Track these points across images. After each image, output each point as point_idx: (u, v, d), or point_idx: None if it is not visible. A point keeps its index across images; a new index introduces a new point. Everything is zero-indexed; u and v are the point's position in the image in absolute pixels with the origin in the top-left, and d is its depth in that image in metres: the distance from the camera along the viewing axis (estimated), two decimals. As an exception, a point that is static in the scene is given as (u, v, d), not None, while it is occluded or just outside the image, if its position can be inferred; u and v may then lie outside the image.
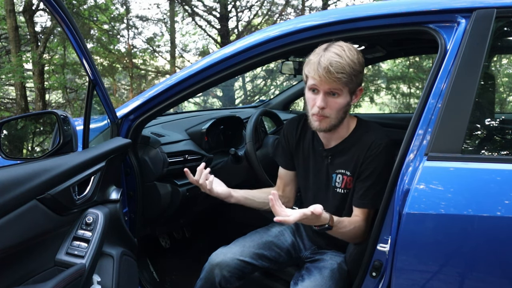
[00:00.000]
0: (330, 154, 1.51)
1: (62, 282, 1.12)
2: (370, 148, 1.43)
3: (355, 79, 1.35)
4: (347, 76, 1.32)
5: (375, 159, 1.42)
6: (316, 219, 1.26)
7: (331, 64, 1.31)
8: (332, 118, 1.39)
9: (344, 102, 1.38)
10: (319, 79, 1.33)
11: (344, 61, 1.32)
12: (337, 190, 1.51)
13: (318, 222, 1.29)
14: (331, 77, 1.31)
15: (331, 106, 1.37)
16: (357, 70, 1.34)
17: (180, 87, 1.59)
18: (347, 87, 1.36)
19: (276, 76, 9.15)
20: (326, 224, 1.30)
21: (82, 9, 8.17)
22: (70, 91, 8.82)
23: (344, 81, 1.33)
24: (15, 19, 7.41)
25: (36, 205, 1.09)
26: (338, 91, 1.35)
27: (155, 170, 1.83)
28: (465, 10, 1.26)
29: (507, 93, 6.91)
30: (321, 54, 1.34)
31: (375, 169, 1.41)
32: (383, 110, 8.84)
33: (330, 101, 1.37)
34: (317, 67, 1.32)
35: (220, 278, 1.51)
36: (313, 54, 1.38)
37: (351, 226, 1.39)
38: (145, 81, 9.86)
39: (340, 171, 1.49)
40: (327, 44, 1.37)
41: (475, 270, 1.12)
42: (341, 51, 1.33)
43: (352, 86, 1.37)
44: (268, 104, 3.20)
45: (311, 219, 1.26)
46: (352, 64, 1.33)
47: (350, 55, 1.33)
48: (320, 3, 9.50)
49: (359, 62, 1.35)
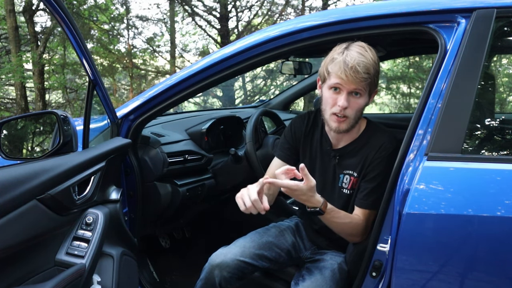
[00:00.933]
0: (338, 154, 1.51)
1: (62, 282, 1.12)
2: (379, 150, 1.43)
3: (376, 80, 1.38)
4: (371, 77, 1.35)
5: (383, 161, 1.42)
6: (308, 195, 1.28)
7: (359, 64, 1.32)
8: (351, 118, 1.40)
9: (364, 103, 1.39)
10: (345, 79, 1.33)
11: (369, 61, 1.33)
12: (344, 190, 1.51)
13: (310, 201, 1.30)
14: (358, 77, 1.32)
15: (352, 106, 1.38)
16: (378, 71, 1.38)
17: (180, 87, 1.59)
18: (368, 88, 1.37)
19: (276, 76, 9.16)
20: (318, 207, 1.32)
21: (82, 9, 8.17)
22: (70, 91, 8.83)
23: (368, 81, 1.35)
24: (15, 19, 7.42)
25: (36, 205, 1.09)
26: (361, 92, 1.36)
27: (155, 170, 1.83)
28: (465, 10, 1.26)
29: (507, 93, 6.91)
30: (345, 53, 1.34)
31: (382, 172, 1.41)
32: (383, 110, 8.85)
33: (352, 101, 1.37)
34: (344, 66, 1.33)
35: (220, 279, 1.51)
36: (335, 53, 1.37)
37: (346, 220, 1.40)
38: (145, 81, 9.87)
39: (348, 172, 1.49)
40: (348, 43, 1.37)
41: (475, 270, 1.12)
42: (364, 52, 1.34)
43: (372, 87, 1.39)
44: (268, 104, 3.20)
45: (303, 194, 1.27)
46: (375, 65, 1.35)
47: (372, 56, 1.35)
48: (320, 3, 9.50)
49: (378, 63, 1.39)
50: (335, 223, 1.39)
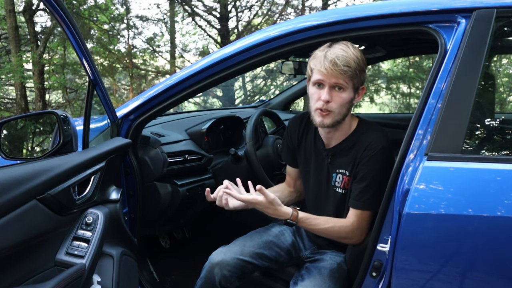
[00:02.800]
0: (330, 153, 1.52)
1: (62, 282, 1.12)
2: (367, 149, 1.43)
3: (359, 74, 1.38)
4: (352, 70, 1.35)
5: (370, 160, 1.41)
6: (272, 208, 1.36)
7: (338, 57, 1.34)
8: (335, 113, 1.40)
9: (348, 98, 1.39)
10: (325, 72, 1.35)
11: (350, 56, 1.35)
12: (337, 189, 1.51)
13: (277, 214, 1.37)
14: (337, 70, 1.34)
15: (335, 100, 1.38)
16: (361, 66, 1.38)
17: (180, 87, 1.59)
18: (351, 82, 1.38)
19: (276, 76, 9.15)
20: (287, 219, 1.38)
21: (82, 9, 8.17)
22: (70, 91, 8.82)
23: (349, 74, 1.35)
24: (15, 19, 7.41)
25: (36, 205, 1.09)
26: (343, 85, 1.37)
27: (155, 170, 1.83)
28: (465, 10, 1.26)
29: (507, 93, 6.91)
30: (326, 50, 1.38)
31: (370, 171, 1.41)
32: (383, 110, 8.84)
33: (335, 95, 1.38)
34: (323, 60, 1.36)
35: (220, 277, 1.51)
36: (318, 50, 1.41)
37: (327, 225, 1.42)
38: (145, 81, 9.86)
39: (340, 171, 1.50)
40: (331, 42, 1.40)
41: (475, 270, 1.12)
42: (346, 48, 1.37)
43: (356, 81, 1.39)
44: (268, 104, 3.20)
45: (266, 207, 1.36)
46: (357, 60, 1.36)
47: (354, 52, 1.37)
48: (320, 3, 9.50)
49: (362, 60, 1.39)
50: (316, 230, 1.43)
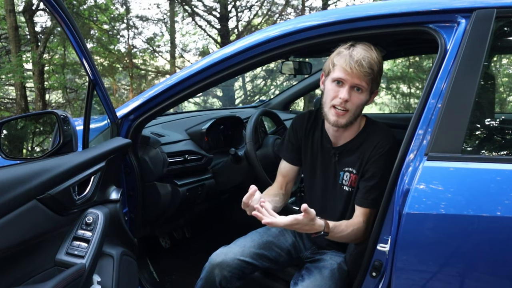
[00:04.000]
0: (338, 152, 1.52)
1: (62, 282, 1.12)
2: (376, 148, 1.43)
3: (378, 78, 1.40)
4: (374, 74, 1.37)
5: (380, 159, 1.42)
6: (310, 225, 1.26)
7: (364, 58, 1.35)
8: (351, 113, 1.40)
9: (364, 99, 1.41)
10: (350, 71, 1.35)
11: (374, 59, 1.37)
12: (344, 187, 1.52)
13: (313, 229, 1.29)
14: (362, 71, 1.34)
15: (353, 101, 1.39)
16: (381, 70, 1.40)
17: (180, 87, 1.59)
18: (370, 85, 1.39)
19: (276, 76, 9.16)
20: (321, 231, 1.30)
21: (82, 9, 8.17)
22: (70, 91, 8.82)
23: (371, 77, 1.37)
24: (15, 19, 7.41)
25: (36, 205, 1.09)
26: (363, 87, 1.38)
27: (155, 170, 1.83)
28: (465, 10, 1.26)
29: (507, 93, 6.91)
30: (351, 49, 1.38)
31: (379, 170, 1.42)
32: (383, 110, 8.84)
33: (353, 95, 1.39)
34: (350, 59, 1.36)
35: (220, 278, 1.51)
36: (342, 48, 1.40)
37: (349, 229, 1.39)
38: (145, 81, 9.87)
39: (348, 169, 1.50)
40: (354, 42, 1.40)
41: (475, 270, 1.12)
42: (369, 49, 1.38)
43: (374, 85, 1.41)
44: (268, 104, 3.20)
45: (305, 225, 1.25)
46: (379, 64, 1.38)
47: (377, 55, 1.39)
48: (320, 3, 9.50)
49: (382, 63, 1.41)
50: (339, 237, 1.39)
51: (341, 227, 1.38)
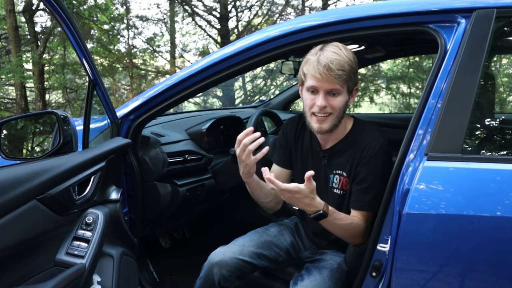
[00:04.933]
0: (327, 154, 1.51)
1: (62, 282, 1.12)
2: (365, 150, 1.42)
3: (353, 77, 1.37)
4: (346, 74, 1.34)
5: (370, 161, 1.41)
6: (310, 197, 1.27)
7: (331, 61, 1.32)
8: (333, 117, 1.39)
9: (343, 101, 1.39)
10: (320, 77, 1.33)
11: (343, 58, 1.33)
12: (335, 191, 1.51)
13: (312, 204, 1.29)
14: (332, 74, 1.32)
15: (331, 105, 1.37)
16: (354, 68, 1.37)
17: (180, 87, 1.59)
18: (346, 85, 1.37)
19: (276, 76, 9.15)
20: (320, 209, 1.30)
21: (82, 9, 8.16)
22: (70, 91, 8.82)
23: (344, 78, 1.34)
24: (15, 19, 7.41)
25: (36, 205, 1.09)
26: (338, 90, 1.36)
27: (155, 170, 1.83)
28: (465, 10, 1.26)
29: (507, 93, 6.91)
30: (319, 53, 1.35)
31: (371, 171, 1.41)
32: (383, 110, 8.83)
33: (330, 100, 1.37)
34: (317, 65, 1.33)
35: (219, 277, 1.51)
36: (310, 54, 1.38)
37: (348, 221, 1.39)
38: (145, 81, 9.86)
39: (337, 172, 1.49)
40: (322, 45, 1.38)
41: (475, 270, 1.12)
42: (338, 50, 1.35)
43: (351, 84, 1.38)
44: (268, 104, 3.20)
45: (305, 196, 1.26)
46: (350, 62, 1.35)
47: (347, 53, 1.35)
48: (320, 3, 9.50)
49: (355, 61, 1.38)
50: (337, 225, 1.37)
51: (340, 215, 1.38)
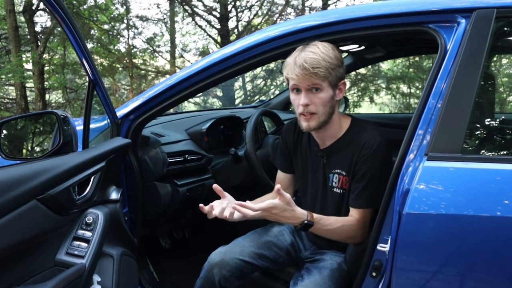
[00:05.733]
0: (325, 154, 1.52)
1: (62, 282, 1.12)
2: (363, 149, 1.43)
3: (333, 72, 1.38)
4: (323, 70, 1.35)
5: (369, 159, 1.42)
6: (289, 210, 1.30)
7: (306, 61, 1.34)
8: (319, 114, 1.40)
9: (327, 97, 1.39)
10: (297, 78, 1.36)
11: (319, 56, 1.35)
12: (334, 190, 1.51)
13: (295, 217, 1.32)
14: (308, 73, 1.34)
15: (314, 102, 1.39)
16: (333, 63, 1.37)
17: (180, 87, 1.59)
18: (326, 81, 1.38)
19: (276, 76, 9.15)
20: (304, 219, 1.33)
21: (82, 9, 8.17)
22: (70, 91, 8.82)
23: (321, 75, 1.35)
24: (15, 19, 7.41)
25: (36, 205, 1.09)
26: (318, 86, 1.38)
27: (155, 170, 1.83)
28: (465, 10, 1.26)
29: (507, 93, 6.91)
30: (296, 55, 1.38)
31: (369, 169, 1.41)
32: (383, 110, 8.83)
33: (313, 97, 1.39)
34: (294, 66, 1.37)
35: (219, 277, 1.51)
36: (289, 57, 1.41)
37: (338, 224, 1.40)
38: (145, 81, 9.86)
39: (336, 171, 1.50)
40: (302, 46, 1.41)
41: (475, 270, 1.12)
42: (315, 49, 1.37)
43: (332, 79, 1.39)
44: (268, 104, 3.20)
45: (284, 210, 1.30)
46: (328, 58, 1.36)
47: (324, 51, 1.37)
48: (320, 3, 9.50)
49: (335, 57, 1.38)
50: (329, 230, 1.40)
51: (328, 220, 1.39)
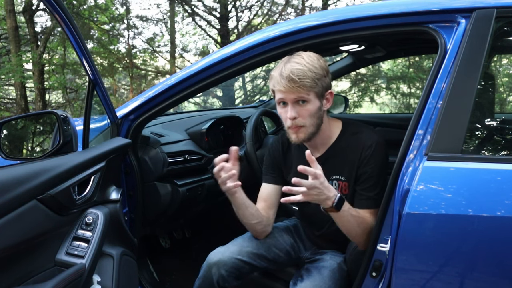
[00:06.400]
0: (321, 162, 1.49)
1: (62, 282, 1.12)
2: (363, 151, 1.42)
3: (319, 82, 1.37)
4: (310, 81, 1.34)
5: (371, 160, 1.41)
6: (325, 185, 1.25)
7: (292, 72, 1.33)
8: (307, 126, 1.40)
9: (314, 108, 1.39)
10: (284, 90, 1.36)
11: (305, 67, 1.34)
12: None
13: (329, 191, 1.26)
14: (295, 85, 1.33)
15: (302, 115, 1.38)
16: (319, 74, 1.36)
17: (180, 87, 1.59)
18: (313, 92, 1.37)
19: (276, 76, 9.13)
20: (337, 193, 1.28)
21: (82, 9, 8.17)
22: (70, 91, 8.82)
23: (308, 86, 1.35)
24: (15, 19, 7.42)
25: (36, 205, 1.09)
26: (305, 98, 1.37)
27: (155, 170, 1.83)
28: (465, 10, 1.26)
29: (507, 93, 6.91)
30: (281, 67, 1.37)
31: (374, 169, 1.41)
32: (383, 110, 8.83)
33: (300, 109, 1.38)
34: (280, 78, 1.36)
35: (218, 277, 1.51)
36: (274, 70, 1.40)
37: (360, 215, 1.37)
38: (145, 81, 9.86)
39: (335, 177, 1.49)
40: (287, 57, 1.40)
41: (475, 270, 1.12)
42: (300, 60, 1.36)
43: (318, 90, 1.38)
44: (268, 104, 3.19)
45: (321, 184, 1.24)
46: (313, 69, 1.35)
47: (310, 61, 1.36)
48: (320, 3, 9.50)
49: (320, 67, 1.38)
50: (353, 217, 1.33)
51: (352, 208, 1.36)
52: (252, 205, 1.52)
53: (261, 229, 1.57)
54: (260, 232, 1.57)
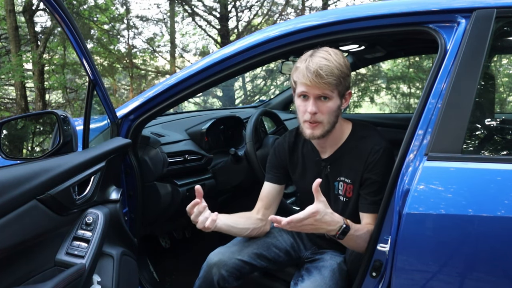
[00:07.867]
0: (328, 163, 1.50)
1: (62, 282, 1.12)
2: (370, 156, 1.41)
3: (343, 81, 1.36)
4: (336, 79, 1.33)
5: (377, 165, 1.40)
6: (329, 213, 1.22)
7: (321, 67, 1.31)
8: (324, 123, 1.38)
9: (334, 106, 1.37)
10: (309, 84, 1.33)
11: (332, 64, 1.32)
12: (340, 198, 1.49)
13: (334, 222, 1.24)
14: (321, 81, 1.31)
15: (322, 111, 1.36)
16: (345, 72, 1.35)
17: (180, 87, 1.59)
18: (336, 90, 1.36)
19: (276, 76, 9.15)
20: (342, 224, 1.25)
21: (82, 9, 8.17)
22: (70, 91, 8.83)
23: (334, 84, 1.33)
24: (15, 19, 7.42)
25: (36, 205, 1.09)
26: (328, 95, 1.35)
27: (155, 170, 1.83)
28: (465, 10, 1.26)
29: (507, 93, 6.91)
30: (308, 60, 1.34)
31: (379, 174, 1.40)
32: (383, 110, 8.83)
33: (321, 105, 1.36)
34: (306, 72, 1.32)
35: (218, 277, 1.51)
36: (299, 61, 1.38)
37: (364, 230, 1.34)
38: (145, 81, 9.86)
39: (341, 178, 1.48)
40: (313, 50, 1.37)
41: (475, 270, 1.12)
42: (327, 55, 1.34)
43: (341, 89, 1.37)
44: (268, 104, 3.20)
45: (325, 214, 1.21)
46: (340, 67, 1.34)
47: (337, 59, 1.34)
48: (320, 3, 9.50)
49: (345, 65, 1.36)
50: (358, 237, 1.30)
51: (357, 225, 1.33)
52: (238, 221, 1.51)
53: (257, 233, 1.58)
54: (258, 235, 1.59)
